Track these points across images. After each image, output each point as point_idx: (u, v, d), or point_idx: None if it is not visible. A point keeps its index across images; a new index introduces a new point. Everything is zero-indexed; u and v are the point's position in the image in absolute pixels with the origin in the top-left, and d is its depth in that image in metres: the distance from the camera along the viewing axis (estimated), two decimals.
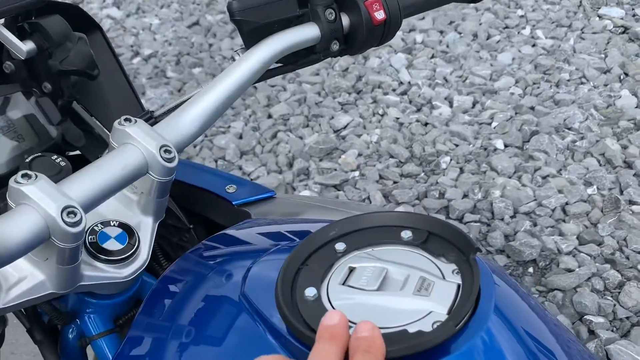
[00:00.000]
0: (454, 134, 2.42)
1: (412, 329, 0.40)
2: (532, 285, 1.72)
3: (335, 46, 0.66)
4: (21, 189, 0.45)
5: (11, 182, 0.45)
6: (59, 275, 0.50)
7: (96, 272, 0.55)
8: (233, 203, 0.73)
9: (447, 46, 3.11)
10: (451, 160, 2.29)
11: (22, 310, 0.64)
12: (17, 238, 0.43)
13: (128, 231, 0.57)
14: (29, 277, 0.50)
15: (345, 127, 2.57)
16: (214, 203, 0.75)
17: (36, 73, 0.69)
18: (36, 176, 0.46)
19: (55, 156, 0.62)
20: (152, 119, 0.68)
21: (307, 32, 0.63)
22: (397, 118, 2.59)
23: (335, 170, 2.31)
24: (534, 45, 3.03)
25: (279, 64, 0.68)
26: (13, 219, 0.44)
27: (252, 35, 0.63)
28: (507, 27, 3.23)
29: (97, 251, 0.55)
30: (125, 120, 0.55)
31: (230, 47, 3.31)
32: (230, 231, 0.63)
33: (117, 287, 0.58)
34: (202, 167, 0.79)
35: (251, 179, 2.32)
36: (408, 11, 0.69)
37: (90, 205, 0.50)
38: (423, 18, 3.41)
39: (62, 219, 0.44)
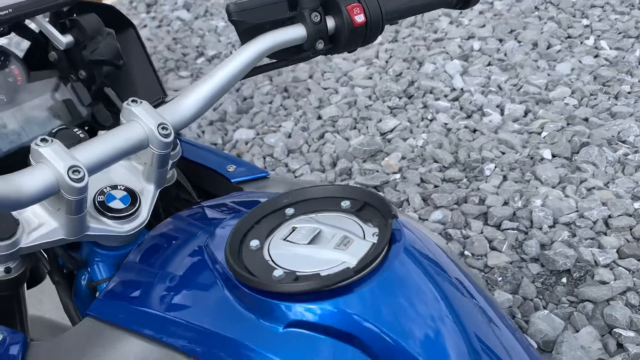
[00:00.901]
0: (502, 142, 2.40)
1: (323, 273, 0.46)
2: (564, 295, 1.69)
3: (320, 45, 0.73)
4: (39, 150, 0.54)
5: (32, 144, 0.55)
6: (69, 224, 0.60)
7: (101, 225, 0.65)
8: (231, 180, 0.81)
9: (505, 54, 3.07)
10: (495, 167, 2.27)
11: (45, 255, 0.73)
12: (33, 188, 0.52)
13: (132, 195, 0.67)
14: (45, 224, 0.60)
15: (392, 131, 2.60)
16: (217, 180, 0.83)
17: (74, 62, 0.81)
18: (52, 141, 0.55)
19: (77, 129, 0.72)
20: (162, 103, 0.76)
21: (294, 32, 0.71)
22: (446, 124, 2.59)
23: (377, 171, 2.34)
24: (596, 56, 2.95)
25: (274, 60, 0.75)
26: (31, 172, 0.53)
27: (246, 33, 0.71)
28: (569, 36, 3.16)
29: (104, 208, 0.64)
30: (133, 101, 0.63)
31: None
32: (217, 200, 0.70)
33: (119, 240, 0.67)
34: (209, 149, 0.88)
35: (295, 176, 2.40)
36: (391, 16, 0.75)
37: (95, 168, 0.58)
38: (483, 26, 3.39)
39: (69, 175, 0.53)
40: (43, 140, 0.55)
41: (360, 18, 0.71)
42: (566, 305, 1.65)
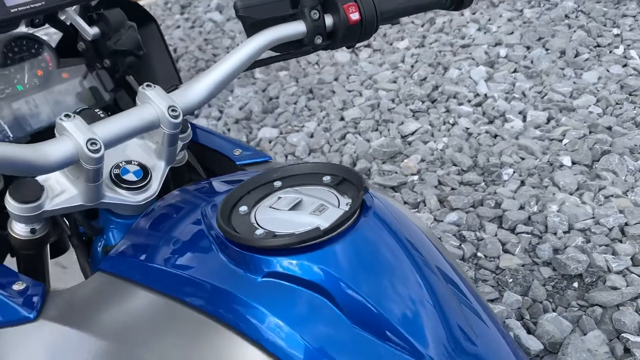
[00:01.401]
0: (522, 148, 2.41)
1: (297, 232, 0.52)
2: (574, 299, 1.69)
3: (319, 40, 0.79)
4: (62, 123, 0.62)
5: (57, 119, 0.63)
6: (87, 191, 0.67)
7: (116, 195, 0.72)
8: (236, 163, 0.87)
9: (532, 62, 3.07)
10: (514, 172, 2.28)
11: (66, 222, 0.80)
12: (56, 156, 0.60)
13: (144, 169, 0.74)
14: (66, 191, 0.68)
15: (413, 133, 2.62)
16: (224, 162, 0.89)
17: (100, 52, 0.90)
18: (74, 117, 0.63)
19: (98, 110, 0.80)
20: (175, 88, 0.83)
21: (295, 28, 0.77)
22: (467, 128, 2.61)
23: (396, 173, 2.37)
24: (624, 66, 2.92)
25: (277, 53, 0.81)
26: (55, 143, 0.61)
27: (252, 28, 0.78)
28: (598, 45, 3.14)
29: (119, 180, 0.72)
30: (147, 85, 0.70)
31: (316, 54, 3.47)
32: (220, 177, 0.76)
33: (132, 209, 0.74)
34: (219, 134, 0.94)
35: None
36: (386, 15, 0.81)
37: (111, 142, 0.65)
38: (511, 33, 3.39)
39: (87, 147, 0.61)
40: (66, 115, 0.63)
41: (355, 16, 0.78)
42: (575, 309, 1.65)
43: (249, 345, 0.50)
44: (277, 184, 0.63)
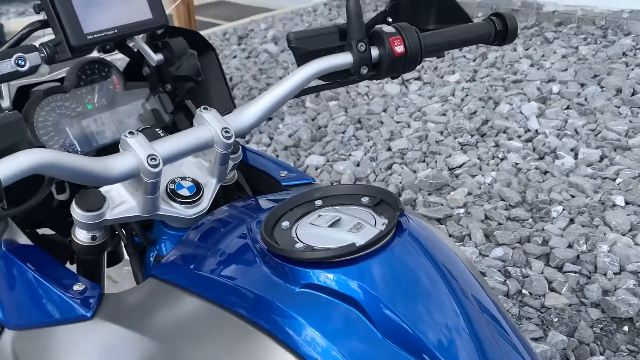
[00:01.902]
0: (572, 185, 2.36)
1: (334, 247, 0.54)
2: (623, 344, 1.62)
3: (364, 71, 0.83)
4: (126, 139, 0.68)
5: (122, 135, 0.69)
6: (144, 203, 0.73)
7: (170, 207, 0.77)
8: (282, 184, 0.91)
9: (585, 99, 3.02)
10: (563, 210, 2.23)
11: (123, 231, 0.86)
12: (119, 169, 0.66)
13: (197, 186, 0.78)
14: (126, 202, 0.73)
15: (460, 166, 2.61)
16: (270, 183, 0.93)
17: (162, 76, 0.97)
18: (137, 134, 0.69)
19: (159, 130, 0.86)
20: (229, 112, 0.88)
21: (343, 59, 0.82)
22: (516, 163, 2.58)
23: (442, 205, 2.36)
24: None
25: (324, 82, 0.85)
26: (119, 157, 0.67)
27: (302, 58, 0.82)
28: None
29: (173, 194, 0.77)
30: (204, 108, 0.75)
31: (366, 85, 3.52)
32: (265, 195, 0.80)
33: (184, 222, 0.79)
34: (267, 156, 0.99)
35: None
36: (431, 49, 0.84)
37: (169, 158, 0.71)
38: (565, 69, 3.35)
39: (147, 162, 0.66)
40: (130, 132, 0.69)
41: (400, 49, 0.81)
42: (625, 353, 1.59)
43: (286, 352, 0.53)
44: (318, 202, 0.67)
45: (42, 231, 0.91)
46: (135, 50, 0.93)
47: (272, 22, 5.18)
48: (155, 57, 0.91)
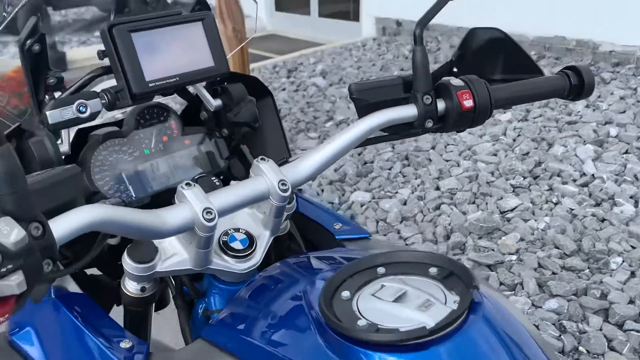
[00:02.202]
0: (633, 235, 2.23)
1: (402, 329, 0.50)
2: None
3: (429, 124, 0.79)
4: (183, 191, 0.66)
5: (179, 186, 0.67)
6: (197, 257, 0.70)
7: (222, 261, 0.74)
8: (336, 237, 0.87)
9: None
10: (623, 262, 2.11)
11: (173, 281, 0.84)
12: (174, 222, 0.64)
13: (250, 238, 0.76)
14: (178, 254, 0.71)
15: (512, 210, 2.52)
16: (324, 235, 0.90)
17: (219, 121, 0.96)
18: (194, 185, 0.67)
19: (215, 178, 0.84)
20: (286, 162, 0.86)
21: (407, 111, 0.78)
22: (572, 209, 2.47)
23: (493, 250, 2.27)
24: None
25: (385, 133, 0.82)
26: (174, 209, 0.65)
27: (364, 109, 0.79)
28: None
29: (226, 247, 0.74)
30: (261, 159, 0.73)
31: None
32: (321, 252, 0.76)
33: (235, 276, 0.76)
34: (321, 206, 0.95)
35: (406, 244, 2.39)
36: (500, 103, 0.80)
37: (224, 211, 0.68)
38: (623, 112, 3.23)
39: (203, 215, 0.64)
40: (187, 184, 0.66)
41: (469, 103, 0.77)
42: None
43: None
44: (381, 270, 0.62)
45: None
46: (194, 94, 0.92)
47: (321, 57, 5.22)
48: (214, 103, 0.90)
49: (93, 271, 0.91)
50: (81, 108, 0.71)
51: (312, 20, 6.75)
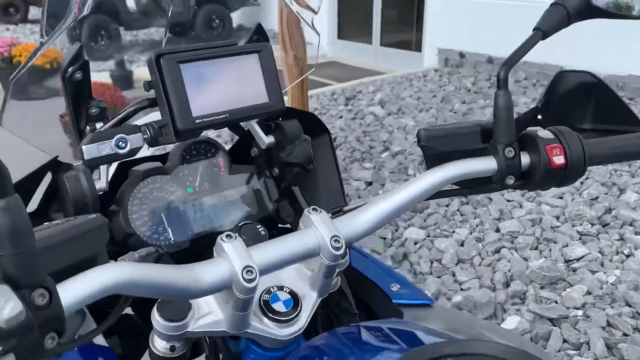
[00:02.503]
0: None
1: None
2: None
3: (510, 180, 0.68)
4: (222, 244, 0.58)
5: (218, 238, 0.59)
6: (233, 319, 0.62)
7: (262, 325, 0.65)
8: (393, 301, 0.77)
9: None
10: None
11: (207, 340, 0.76)
12: (210, 280, 0.56)
13: (295, 299, 0.67)
14: (212, 314, 0.63)
15: (579, 259, 2.34)
16: (378, 296, 0.80)
17: (271, 160, 0.88)
18: (235, 238, 0.59)
19: (259, 226, 0.76)
20: (340, 212, 0.77)
21: (484, 165, 0.67)
22: None
23: (556, 302, 2.10)
24: None
25: (455, 187, 0.71)
26: (211, 265, 0.57)
27: (433, 159, 0.69)
28: None
29: (267, 309, 0.66)
30: (313, 209, 0.65)
31: None
32: (376, 323, 0.67)
33: (275, 342, 0.67)
34: (377, 261, 0.86)
35: (461, 289, 2.26)
36: (595, 160, 0.68)
37: (267, 269, 0.60)
38: None
39: (242, 275, 0.56)
40: (228, 235, 0.59)
41: (559, 160, 0.66)
42: None
43: None
44: None
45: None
46: (246, 129, 0.85)
47: (380, 85, 5.16)
48: (267, 140, 0.83)
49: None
50: (120, 143, 0.65)
51: (374, 49, 6.72)
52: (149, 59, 0.65)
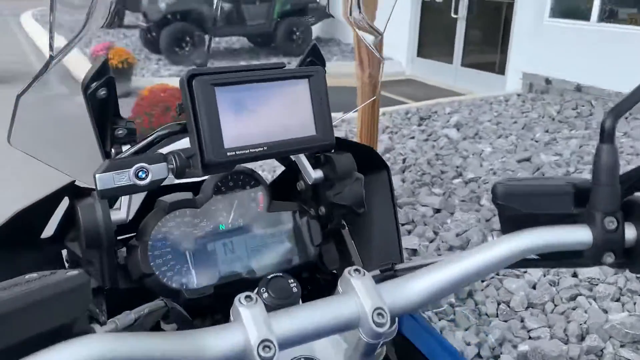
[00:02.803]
0: None
1: None
2: None
3: (609, 259, 0.53)
4: (239, 308, 0.49)
5: (236, 299, 0.50)
6: None
7: None
8: None
9: None
10: None
11: None
12: (217, 351, 0.46)
13: None
14: None
15: None
16: None
17: (317, 197, 0.78)
18: (256, 301, 0.49)
19: (293, 281, 0.65)
20: (391, 272, 0.66)
21: (577, 236, 0.53)
22: None
23: None
24: None
25: (537, 257, 0.58)
26: (222, 333, 0.48)
27: (511, 222, 0.56)
28: None
29: None
30: (355, 270, 0.54)
31: None
32: None
33: None
34: (432, 332, 0.74)
35: (530, 337, 2.06)
36: None
37: (290, 343, 0.50)
38: None
39: (257, 351, 0.47)
40: (247, 297, 0.50)
41: None
42: None
43: None
44: None
45: None
46: (293, 159, 0.76)
47: (458, 107, 4.97)
48: (314, 175, 0.73)
49: None
50: (140, 173, 0.56)
51: (454, 68, 6.52)
52: (180, 79, 0.57)
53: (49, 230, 0.65)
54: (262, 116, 0.60)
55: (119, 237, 0.68)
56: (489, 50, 6.28)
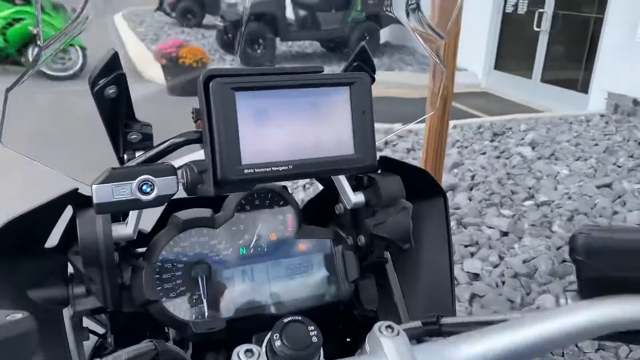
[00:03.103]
0: None
1: None
2: None
3: None
4: None
5: (235, 353, 0.44)
6: None
7: None
8: None
9: None
10: None
11: None
12: None
13: None
14: None
15: None
16: None
17: (357, 224, 0.68)
18: (258, 356, 0.43)
19: (312, 327, 0.56)
20: (436, 326, 0.55)
21: None
22: None
23: None
24: None
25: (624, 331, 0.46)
26: None
27: (593, 285, 0.44)
28: None
29: None
30: (387, 327, 0.45)
31: (637, 222, 2.85)
32: None
33: None
34: None
35: None
36: None
37: None
38: None
39: None
40: (248, 352, 0.44)
41: None
42: None
43: None
44: None
45: None
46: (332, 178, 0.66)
47: (534, 125, 4.72)
48: (353, 199, 0.63)
49: None
50: (144, 187, 0.48)
51: (533, 84, 6.23)
52: (198, 81, 0.49)
53: (54, 239, 0.58)
54: (289, 129, 0.51)
55: (132, 252, 0.61)
56: (571, 66, 5.95)
